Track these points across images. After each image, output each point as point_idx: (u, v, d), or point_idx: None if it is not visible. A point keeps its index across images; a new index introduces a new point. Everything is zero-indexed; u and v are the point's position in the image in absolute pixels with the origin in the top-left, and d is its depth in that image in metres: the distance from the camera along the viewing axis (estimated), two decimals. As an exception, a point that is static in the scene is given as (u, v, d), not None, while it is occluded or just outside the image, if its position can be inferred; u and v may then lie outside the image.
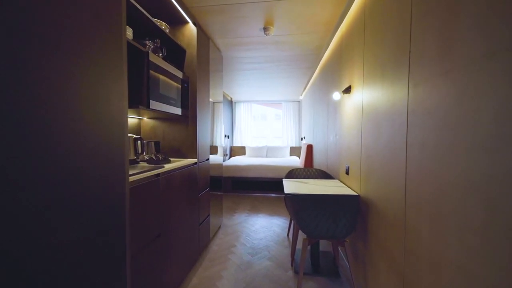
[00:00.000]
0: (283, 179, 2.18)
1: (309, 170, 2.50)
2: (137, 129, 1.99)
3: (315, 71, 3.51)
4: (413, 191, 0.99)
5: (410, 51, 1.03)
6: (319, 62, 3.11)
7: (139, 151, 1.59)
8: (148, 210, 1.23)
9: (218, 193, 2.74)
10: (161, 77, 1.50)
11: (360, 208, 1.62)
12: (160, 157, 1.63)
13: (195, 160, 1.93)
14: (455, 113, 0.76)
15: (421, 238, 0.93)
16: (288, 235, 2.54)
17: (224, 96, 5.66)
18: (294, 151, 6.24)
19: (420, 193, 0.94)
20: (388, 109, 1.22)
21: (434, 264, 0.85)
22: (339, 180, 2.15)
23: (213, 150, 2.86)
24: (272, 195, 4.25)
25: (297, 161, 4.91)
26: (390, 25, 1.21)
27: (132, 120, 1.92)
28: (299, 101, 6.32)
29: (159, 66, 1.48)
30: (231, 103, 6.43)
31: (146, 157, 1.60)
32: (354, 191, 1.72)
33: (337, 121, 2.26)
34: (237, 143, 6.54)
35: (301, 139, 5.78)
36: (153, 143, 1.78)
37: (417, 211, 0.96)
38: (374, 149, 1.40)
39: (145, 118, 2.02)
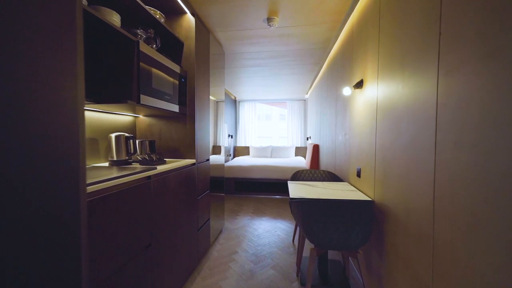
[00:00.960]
0: (288, 182, 2.03)
1: (316, 172, 2.33)
2: (132, 128, 1.87)
3: (322, 67, 3.34)
4: (444, 200, 0.83)
5: (440, 33, 0.86)
6: (327, 57, 2.94)
7: (131, 151, 1.46)
8: (135, 217, 1.09)
9: (220, 194, 2.60)
10: (154, 70, 1.37)
11: (375, 215, 1.45)
12: (154, 158, 1.50)
13: (193, 161, 1.80)
14: (499, 105, 0.59)
15: (456, 258, 0.76)
16: (293, 240, 2.38)
17: (228, 95, 5.54)
18: (300, 151, 6.06)
19: (455, 203, 0.77)
20: (410, 103, 1.06)
21: (477, 293, 0.68)
22: (349, 183, 1.98)
23: (216, 150, 2.73)
24: (277, 196, 4.09)
25: (303, 162, 4.74)
26: (413, 6, 1.04)
27: (126, 117, 1.80)
28: (304, 100, 6.14)
29: (152, 58, 1.35)
30: (234, 102, 6.30)
31: (139, 158, 1.47)
32: (368, 196, 1.55)
33: (347, 119, 2.09)
34: (241, 143, 6.41)
35: (307, 139, 5.60)
36: (147, 143, 1.65)
37: (450, 224, 0.79)
38: (392, 150, 1.24)
39: (140, 116, 1.90)
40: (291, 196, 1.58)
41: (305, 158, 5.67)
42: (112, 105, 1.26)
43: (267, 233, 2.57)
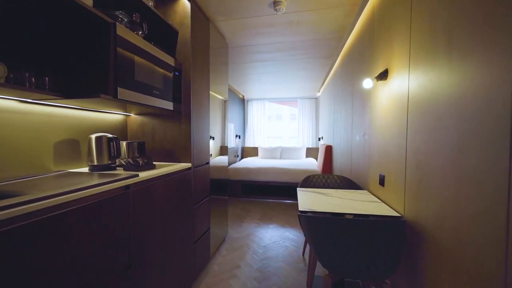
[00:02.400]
0: (298, 189, 1.77)
1: (329, 177, 2.06)
2: (122, 128, 1.68)
3: (336, 60, 3.04)
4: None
5: (520, -14, 0.59)
6: (341, 48, 2.65)
7: (114, 154, 1.27)
8: (108, 235, 0.88)
9: (224, 197, 2.39)
10: (138, 59, 1.16)
11: (407, 236, 1.17)
12: (141, 162, 1.29)
13: (189, 165, 1.59)
14: None
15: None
16: (303, 254, 2.12)
17: (235, 94, 5.33)
18: (311, 152, 5.76)
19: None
20: (460, 95, 0.78)
21: None
22: (370, 191, 1.69)
23: (225, 151, 2.52)
24: (285, 201, 3.83)
25: (314, 164, 4.44)
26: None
27: (115, 116, 1.61)
28: (316, 98, 5.82)
29: (135, 44, 1.14)
30: (242, 101, 6.08)
31: (123, 162, 1.27)
32: (395, 210, 1.27)
33: (366, 117, 1.81)
34: (249, 143, 6.18)
35: (319, 139, 5.29)
36: (136, 144, 1.46)
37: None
38: (431, 154, 0.96)
39: (132, 115, 1.71)
40: (300, 207, 1.33)
41: (316, 159, 5.36)
42: (83, 100, 1.06)
43: (274, 244, 2.33)
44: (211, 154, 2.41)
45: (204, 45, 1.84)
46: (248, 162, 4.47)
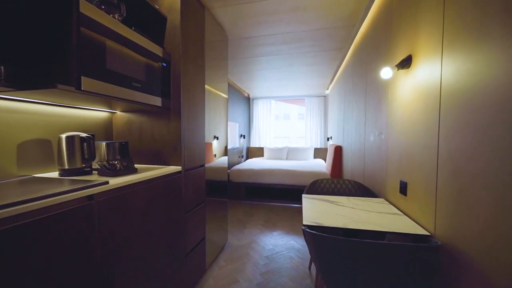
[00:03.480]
0: (303, 196, 1.55)
1: (339, 182, 1.83)
2: (107, 126, 1.52)
3: (346, 53, 2.79)
4: None
5: None
6: (353, 39, 2.40)
7: (87, 156, 1.10)
8: (62, 259, 0.70)
9: (223, 200, 2.20)
10: (111, 44, 0.98)
11: (441, 263, 0.93)
12: (119, 165, 1.12)
13: (178, 168, 1.40)
14: None
15: None
16: (309, 268, 1.90)
17: (240, 92, 5.15)
18: (319, 153, 5.50)
19: None
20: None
21: None
22: (387, 200, 1.46)
23: (227, 152, 2.32)
24: (291, 205, 3.60)
25: (323, 165, 4.19)
26: None
27: (98, 114, 1.45)
28: (325, 96, 5.55)
29: (107, 27, 0.96)
30: (248, 100, 5.89)
31: (97, 166, 1.10)
32: (420, 225, 1.04)
33: (383, 113, 1.57)
34: (254, 143, 5.98)
35: (327, 139, 5.03)
36: (117, 145, 1.28)
37: None
38: (476, 160, 0.72)
39: (118, 112, 1.54)
40: (304, 220, 1.12)
41: (325, 160, 5.10)
42: (37, 92, 0.88)
43: (277, 254, 2.11)
44: (215, 155, 2.22)
45: (198, 35, 1.66)
46: (253, 163, 4.27)
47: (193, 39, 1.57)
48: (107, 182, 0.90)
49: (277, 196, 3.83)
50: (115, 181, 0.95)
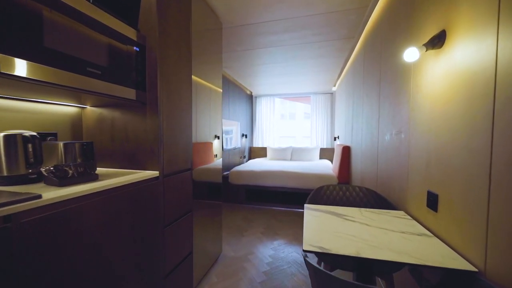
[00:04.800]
0: (305, 206, 1.31)
1: (348, 189, 1.57)
2: (76, 124, 1.31)
3: (356, 43, 2.51)
4: None
5: None
6: (364, 25, 2.12)
7: (31, 160, 0.88)
8: None
9: (217, 202, 1.98)
10: (51, 15, 0.76)
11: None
12: (72, 172, 0.89)
13: (155, 174, 1.17)
14: None
15: None
16: None
17: (241, 89, 4.91)
18: (325, 153, 5.21)
19: None
20: None
21: None
22: (409, 214, 1.19)
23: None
24: (295, 209, 3.34)
25: (329, 167, 3.91)
26: None
27: (64, 109, 1.24)
28: (331, 93, 5.25)
29: (44, -8, 0.73)
30: (250, 98, 5.64)
31: (44, 172, 0.88)
32: (458, 252, 0.77)
33: (403, 107, 1.30)
34: (257, 143, 5.74)
35: (334, 139, 4.74)
36: (77, 146, 1.06)
37: None
38: None
39: (87, 106, 1.33)
40: (305, 242, 0.87)
41: (331, 162, 4.81)
42: None
43: (277, 270, 1.87)
44: (216, 155, 2.01)
45: (182, 17, 1.42)
46: (254, 164, 4.03)
47: (176, 22, 1.34)
48: (38, 196, 0.68)
49: (280, 200, 3.58)
50: (57, 193, 0.72)
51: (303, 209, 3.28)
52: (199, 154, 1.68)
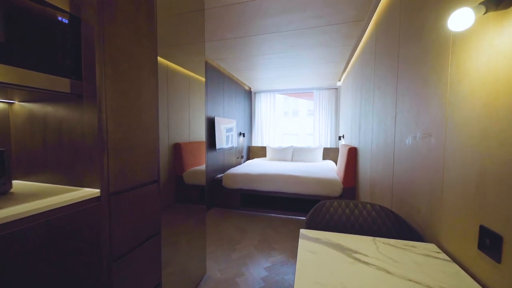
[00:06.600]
0: (301, 233, 0.98)
1: (357, 207, 1.23)
2: (1, 124, 1.00)
3: (366, 28, 2.15)
4: None
5: None
6: (377, 4, 1.76)
7: None
8: None
9: (201, 206, 1.69)
10: None
11: None
12: None
13: (94, 192, 0.86)
14: None
15: None
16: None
17: (239, 85, 4.57)
18: (329, 153, 4.86)
19: None
20: None
21: None
22: (444, 250, 0.85)
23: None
24: (294, 217, 3.02)
25: (333, 169, 3.57)
26: None
27: (-24, 104, 0.93)
28: (336, 89, 4.88)
29: None
30: (249, 94, 5.31)
31: None
32: None
33: (434, 103, 0.95)
34: (256, 142, 5.42)
35: (339, 138, 4.38)
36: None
37: None
38: None
39: (16, 102, 1.02)
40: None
41: (336, 163, 4.46)
42: None
43: (269, 298, 1.55)
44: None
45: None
46: (250, 166, 3.70)
47: (131, -11, 1.01)
48: None
49: (278, 205, 3.26)
50: None
51: (303, 216, 2.96)
52: (192, 154, 1.54)
